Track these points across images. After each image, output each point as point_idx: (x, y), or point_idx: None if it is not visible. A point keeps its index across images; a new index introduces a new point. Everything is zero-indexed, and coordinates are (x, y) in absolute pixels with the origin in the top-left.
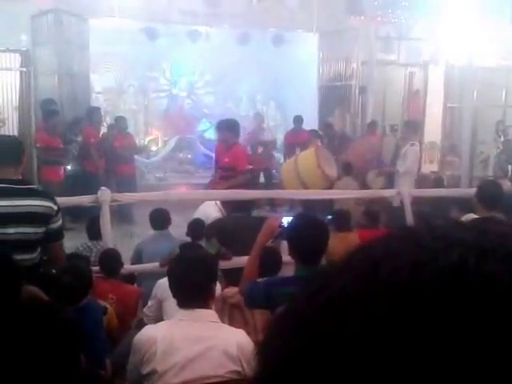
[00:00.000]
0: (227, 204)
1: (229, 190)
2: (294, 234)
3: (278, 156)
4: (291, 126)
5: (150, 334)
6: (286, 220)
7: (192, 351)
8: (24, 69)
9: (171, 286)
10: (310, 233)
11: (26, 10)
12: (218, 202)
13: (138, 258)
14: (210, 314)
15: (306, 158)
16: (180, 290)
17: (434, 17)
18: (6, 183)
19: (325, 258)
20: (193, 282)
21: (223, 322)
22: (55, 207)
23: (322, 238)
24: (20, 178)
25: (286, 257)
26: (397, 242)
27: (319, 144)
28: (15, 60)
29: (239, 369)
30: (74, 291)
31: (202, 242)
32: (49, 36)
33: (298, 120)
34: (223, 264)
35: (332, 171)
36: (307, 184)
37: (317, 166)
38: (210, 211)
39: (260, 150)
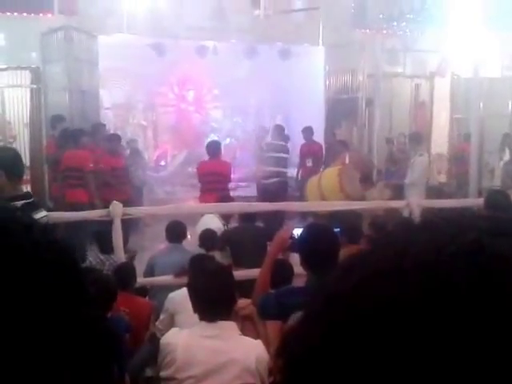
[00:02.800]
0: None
1: (237, 203)
2: (305, 245)
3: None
4: (298, 138)
5: (173, 339)
6: (297, 232)
7: (212, 363)
8: (34, 86)
9: (193, 299)
10: (321, 243)
11: (36, 27)
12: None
13: (150, 272)
14: (231, 326)
15: (330, 178)
16: (203, 303)
17: (439, 28)
18: (19, 199)
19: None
20: (217, 294)
21: None
22: (46, 218)
23: (333, 248)
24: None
25: (296, 269)
26: (417, 229)
27: (346, 157)
28: (26, 77)
29: (258, 382)
30: (100, 304)
31: (215, 254)
32: (59, 53)
33: (308, 131)
34: (235, 275)
35: (355, 189)
36: (326, 195)
37: (340, 188)
38: (212, 223)
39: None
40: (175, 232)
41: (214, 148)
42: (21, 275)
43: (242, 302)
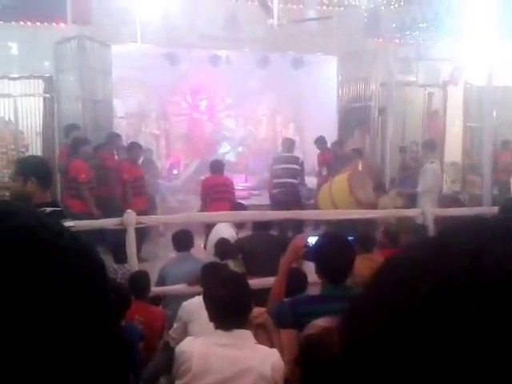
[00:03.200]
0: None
1: (251, 212)
2: (320, 253)
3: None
4: (311, 147)
5: (188, 348)
6: (311, 240)
7: (227, 372)
8: (47, 95)
9: (209, 307)
10: (336, 251)
11: (49, 36)
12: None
13: (162, 281)
14: (247, 335)
15: (339, 184)
16: (220, 311)
17: (452, 37)
18: (47, 206)
19: (350, 278)
20: (234, 303)
21: None
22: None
23: (348, 257)
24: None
25: (310, 277)
26: (488, 230)
27: (359, 164)
28: (39, 86)
29: None
30: (114, 313)
31: (228, 262)
32: (72, 62)
33: (321, 141)
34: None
35: (367, 196)
36: (336, 202)
37: (349, 192)
38: (225, 231)
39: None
40: (182, 241)
41: (217, 166)
42: (50, 281)
43: (256, 311)
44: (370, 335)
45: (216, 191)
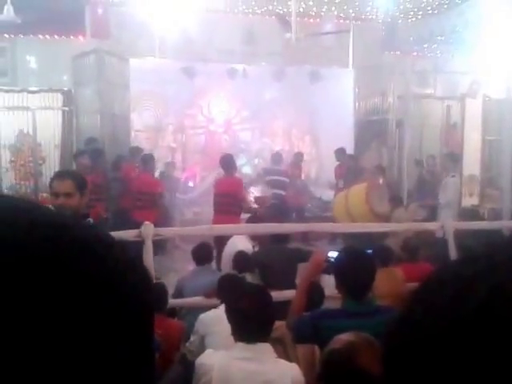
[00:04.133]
0: (261, 236)
1: (268, 224)
2: (342, 268)
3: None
4: (326, 160)
5: (207, 360)
6: (332, 254)
7: None
8: (66, 108)
9: (232, 320)
10: (357, 266)
11: (67, 50)
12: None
13: (178, 294)
14: (268, 349)
15: (357, 193)
16: (243, 325)
17: (470, 50)
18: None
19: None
20: (258, 316)
21: None
22: None
23: (370, 272)
24: None
25: (327, 290)
26: None
27: (378, 180)
28: (57, 99)
29: None
30: None
31: (246, 276)
32: (91, 76)
33: (341, 152)
34: None
35: (382, 207)
36: (355, 219)
37: (365, 201)
38: (241, 244)
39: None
40: (203, 254)
41: (227, 162)
42: (103, 294)
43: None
44: (426, 347)
45: (223, 202)
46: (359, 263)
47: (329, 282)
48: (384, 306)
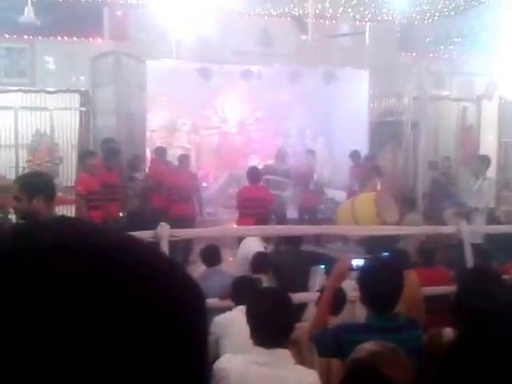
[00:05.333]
0: (274, 238)
1: (281, 226)
2: (367, 281)
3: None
4: (340, 161)
5: (225, 365)
6: (356, 262)
7: None
8: (83, 108)
9: (252, 323)
10: (384, 279)
11: (85, 52)
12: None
13: None
14: (287, 354)
15: (365, 204)
16: (264, 328)
17: (486, 52)
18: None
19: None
20: (279, 320)
21: None
22: None
23: (397, 285)
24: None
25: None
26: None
27: (378, 184)
28: (75, 100)
29: None
30: None
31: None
32: (108, 77)
33: (355, 155)
34: None
35: (392, 215)
36: (359, 221)
37: (376, 214)
38: (254, 246)
39: (312, 186)
40: (210, 256)
41: (254, 174)
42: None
43: None
44: None
45: (247, 206)
46: (386, 276)
47: (345, 285)
48: (410, 320)
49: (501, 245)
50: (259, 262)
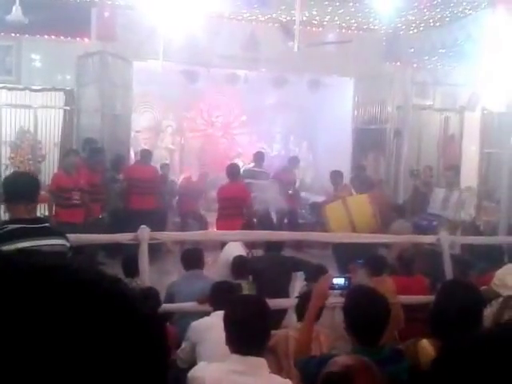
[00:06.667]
0: (255, 243)
1: (264, 231)
2: (353, 311)
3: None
4: (322, 165)
5: (200, 373)
6: (337, 281)
7: None
8: (68, 107)
9: (231, 330)
10: (370, 312)
11: (72, 51)
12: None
13: (169, 299)
14: (262, 363)
15: (360, 204)
16: (242, 336)
17: (470, 63)
18: (22, 223)
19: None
20: (259, 329)
21: None
22: (68, 245)
23: (383, 317)
24: (34, 216)
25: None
26: None
27: (348, 186)
28: (60, 98)
29: None
30: None
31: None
32: (94, 76)
33: (336, 175)
34: None
35: (380, 220)
36: (358, 229)
37: (372, 215)
38: (236, 250)
39: (291, 191)
40: (192, 259)
41: (234, 171)
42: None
43: None
44: None
45: (228, 206)
46: (372, 309)
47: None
48: (395, 352)
49: (480, 255)
50: (239, 266)
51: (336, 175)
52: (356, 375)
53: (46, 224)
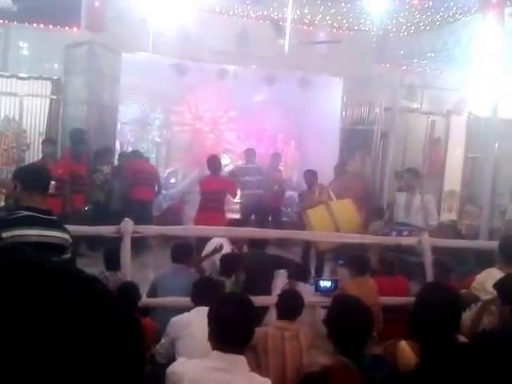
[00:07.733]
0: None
1: (248, 228)
2: (336, 321)
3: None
4: (309, 165)
5: (179, 369)
6: (324, 283)
7: None
8: (54, 96)
9: (214, 327)
10: (353, 324)
11: (60, 40)
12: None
13: (153, 292)
14: (242, 361)
15: (345, 210)
16: (226, 333)
17: (459, 68)
18: (34, 212)
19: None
20: (243, 327)
21: None
22: (70, 239)
23: (367, 329)
24: (44, 207)
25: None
26: None
27: (324, 187)
28: (46, 87)
29: None
30: None
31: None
32: (81, 66)
33: (310, 175)
34: None
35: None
36: (341, 230)
37: (357, 218)
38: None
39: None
40: (180, 253)
41: (215, 163)
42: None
43: None
44: None
45: (209, 199)
46: (356, 321)
47: (305, 290)
48: (377, 361)
49: (461, 258)
50: (228, 263)
51: (310, 175)
52: (334, 375)
53: (54, 217)
